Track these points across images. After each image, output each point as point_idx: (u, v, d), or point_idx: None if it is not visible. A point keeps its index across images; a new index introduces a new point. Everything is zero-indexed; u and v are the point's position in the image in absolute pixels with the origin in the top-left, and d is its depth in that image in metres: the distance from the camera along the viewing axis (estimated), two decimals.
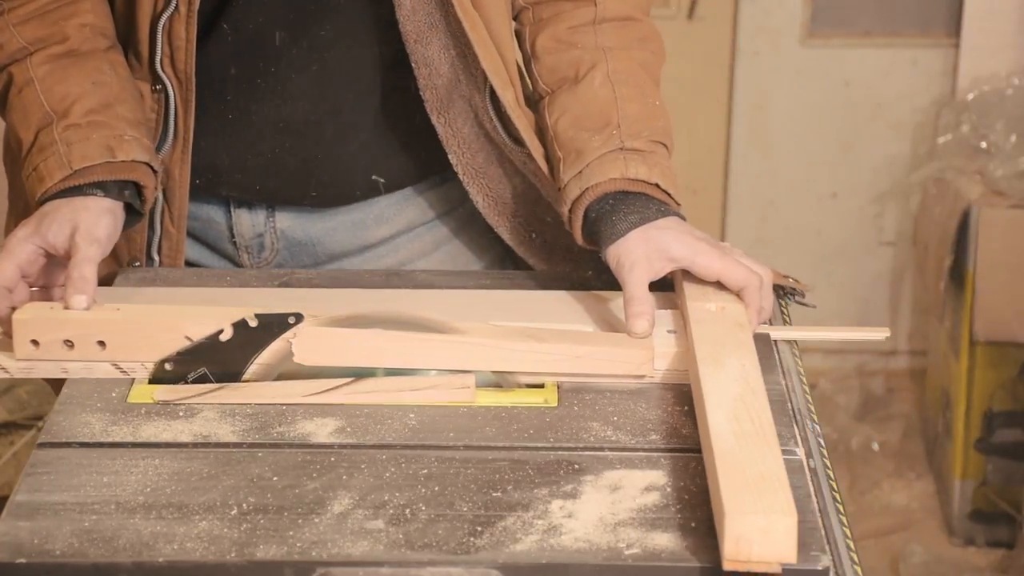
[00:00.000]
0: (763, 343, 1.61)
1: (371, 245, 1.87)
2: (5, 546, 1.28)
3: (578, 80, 1.74)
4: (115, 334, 1.54)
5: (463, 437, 1.45)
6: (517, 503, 1.34)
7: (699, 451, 1.42)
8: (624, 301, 1.59)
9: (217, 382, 1.53)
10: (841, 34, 3.71)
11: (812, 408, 1.55)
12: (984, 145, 3.41)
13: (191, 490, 1.36)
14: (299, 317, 1.57)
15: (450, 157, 1.79)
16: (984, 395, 3.33)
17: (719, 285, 1.62)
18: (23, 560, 1.27)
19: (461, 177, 1.80)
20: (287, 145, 1.79)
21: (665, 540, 1.29)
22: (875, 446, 3.67)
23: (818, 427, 1.53)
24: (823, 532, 1.32)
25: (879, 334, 1.66)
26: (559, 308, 1.67)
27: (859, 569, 1.34)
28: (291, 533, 1.30)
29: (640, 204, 1.64)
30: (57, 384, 1.56)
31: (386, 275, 1.78)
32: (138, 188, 1.67)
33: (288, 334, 1.53)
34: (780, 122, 3.77)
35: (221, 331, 1.56)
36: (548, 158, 1.74)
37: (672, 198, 1.66)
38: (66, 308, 1.56)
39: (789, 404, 1.52)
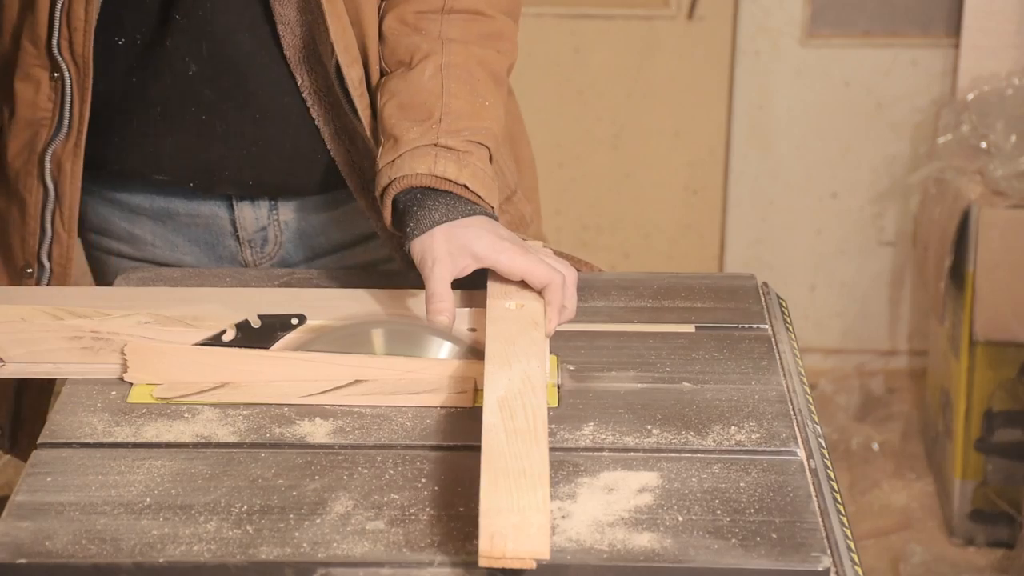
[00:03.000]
0: (764, 344, 1.61)
1: (371, 235, 1.86)
2: (5, 546, 1.28)
3: (411, 67, 1.72)
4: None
5: (463, 437, 1.45)
6: None
7: (698, 451, 1.42)
8: (426, 298, 1.59)
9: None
10: (841, 34, 3.71)
11: (812, 408, 1.55)
12: (984, 145, 3.41)
13: (192, 491, 1.36)
14: (302, 319, 1.57)
15: (313, 115, 1.76)
16: (984, 395, 3.33)
17: (524, 284, 1.61)
18: (23, 560, 1.27)
19: (326, 140, 1.78)
20: (261, 136, 1.78)
21: (660, 541, 1.29)
22: (875, 446, 3.67)
23: (818, 427, 1.53)
24: (823, 532, 1.32)
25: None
26: (367, 307, 1.66)
27: (859, 569, 1.34)
28: (292, 534, 1.30)
29: (447, 202, 1.63)
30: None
31: (386, 275, 1.78)
32: None
33: (127, 348, 1.53)
34: (780, 122, 3.77)
35: (223, 331, 1.56)
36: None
37: (483, 200, 1.65)
38: None
39: (789, 404, 1.52)
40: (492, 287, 1.61)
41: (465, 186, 1.64)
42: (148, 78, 1.75)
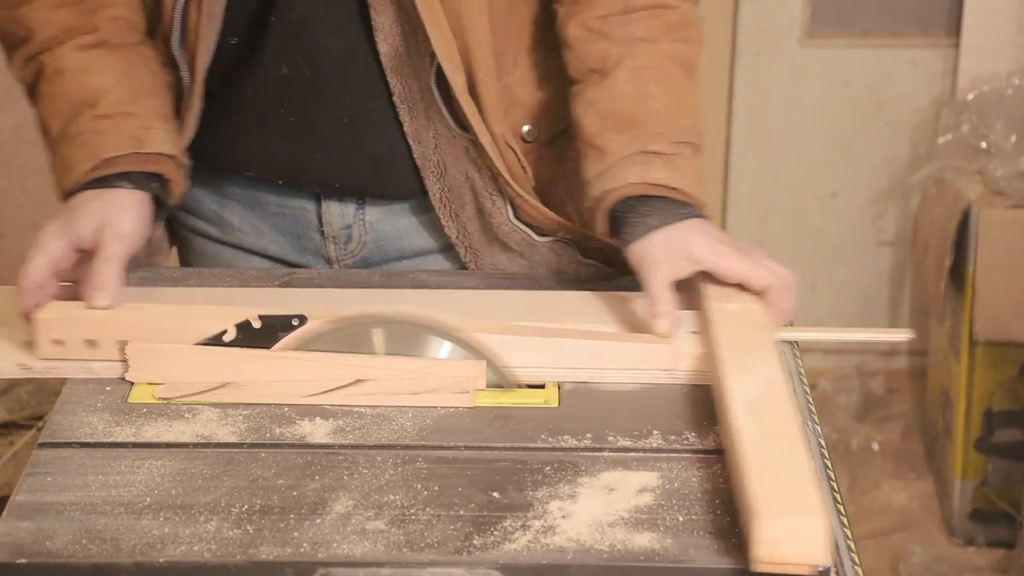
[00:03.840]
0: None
1: (451, 246, 1.84)
2: (5, 546, 1.28)
3: (605, 75, 1.72)
4: (137, 334, 1.54)
5: (463, 437, 1.45)
6: (517, 504, 1.34)
7: (695, 452, 1.42)
8: (647, 301, 1.59)
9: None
10: (841, 34, 3.71)
11: (812, 408, 1.55)
12: (984, 145, 3.41)
13: (193, 491, 1.36)
14: (303, 319, 1.57)
15: (403, 120, 1.76)
16: (984, 395, 3.33)
17: (740, 286, 1.62)
18: (23, 560, 1.27)
19: (414, 146, 1.77)
20: (349, 140, 1.78)
21: (661, 541, 1.29)
22: (875, 446, 3.67)
23: (818, 427, 1.53)
24: None
25: (902, 335, 1.65)
26: (582, 308, 1.66)
27: (859, 569, 1.34)
28: (292, 534, 1.30)
29: (661, 206, 1.64)
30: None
31: (387, 275, 1.78)
32: (165, 182, 1.67)
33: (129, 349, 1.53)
34: (780, 122, 3.77)
35: (224, 332, 1.56)
36: (579, 150, 1.73)
37: (696, 200, 1.66)
38: (88, 307, 1.55)
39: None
40: (709, 290, 1.61)
41: (676, 188, 1.64)
42: (244, 78, 1.76)
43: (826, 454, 1.49)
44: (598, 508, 1.34)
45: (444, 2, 1.69)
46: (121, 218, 1.61)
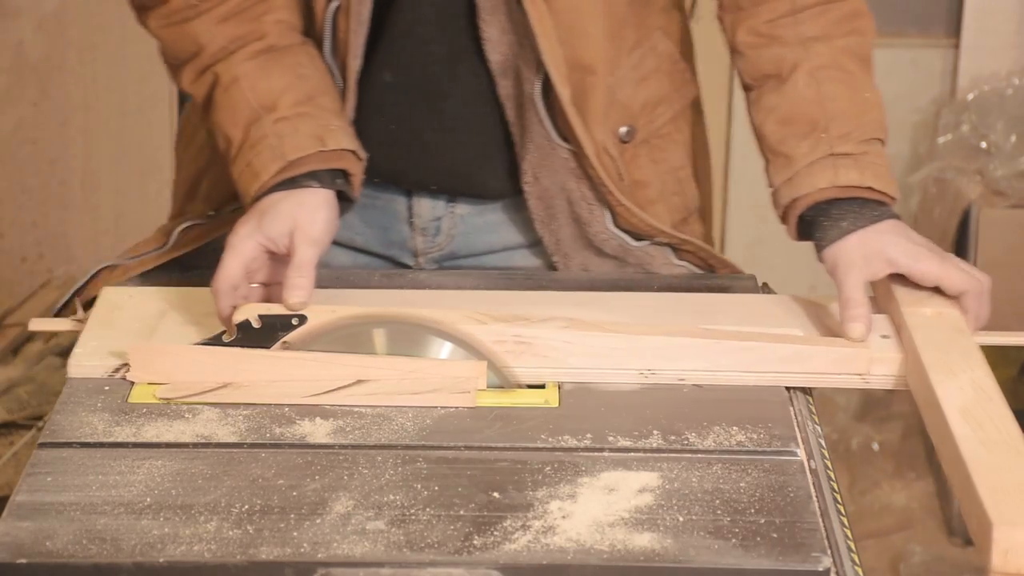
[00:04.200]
0: None
1: (538, 241, 1.83)
2: (5, 546, 1.28)
3: (782, 80, 1.71)
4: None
5: (463, 438, 1.45)
6: (517, 504, 1.34)
7: (695, 452, 1.42)
8: (840, 304, 1.59)
9: None
10: None
11: (812, 408, 1.55)
12: (984, 145, 3.41)
13: (193, 491, 1.36)
14: (302, 319, 1.57)
15: (509, 122, 1.76)
16: None
17: (935, 290, 1.61)
18: (23, 560, 1.27)
19: (517, 150, 1.77)
20: (448, 146, 1.79)
21: (660, 541, 1.29)
22: (875, 446, 3.67)
23: (819, 427, 1.53)
24: (824, 532, 1.32)
25: None
26: (773, 312, 1.67)
27: (859, 569, 1.34)
28: (292, 534, 1.30)
29: (855, 208, 1.64)
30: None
31: (389, 275, 1.78)
32: (346, 176, 1.68)
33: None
34: None
35: (223, 332, 1.56)
36: (763, 157, 1.74)
37: (888, 197, 1.66)
38: (284, 306, 1.57)
39: (789, 404, 1.52)
40: (900, 293, 1.61)
41: (870, 187, 1.64)
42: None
43: (826, 454, 1.49)
44: (598, 508, 1.34)
45: (559, 13, 1.69)
46: (312, 220, 1.62)
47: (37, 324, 1.73)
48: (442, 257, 1.85)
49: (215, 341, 1.56)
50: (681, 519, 1.32)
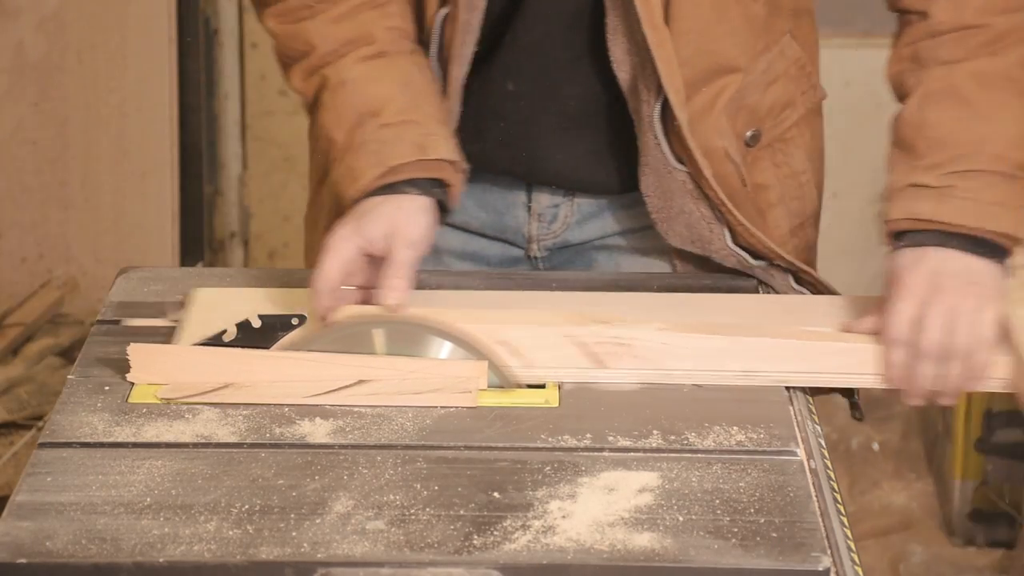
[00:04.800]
0: None
1: (650, 225, 1.83)
2: (5, 546, 1.28)
3: (903, 102, 1.69)
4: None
5: (463, 437, 1.45)
6: (517, 504, 1.34)
7: (695, 452, 1.42)
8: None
9: None
10: (841, 34, 3.70)
11: (812, 409, 1.55)
12: None
13: (192, 491, 1.36)
14: (302, 319, 1.57)
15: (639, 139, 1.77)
16: (984, 395, 3.32)
17: None
18: (23, 560, 1.27)
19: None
20: (567, 145, 1.80)
21: (660, 541, 1.29)
22: (875, 446, 3.67)
23: (819, 427, 1.53)
24: (823, 532, 1.32)
25: None
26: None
27: (859, 569, 1.34)
28: (292, 534, 1.30)
29: (935, 240, 1.60)
30: None
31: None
32: (446, 187, 1.69)
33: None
34: None
35: (224, 331, 1.56)
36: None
37: (981, 231, 1.60)
38: (382, 307, 1.57)
39: (789, 404, 1.52)
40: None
41: (948, 223, 1.59)
42: (473, 89, 1.77)
43: (826, 454, 1.49)
44: (598, 508, 1.34)
45: (683, 34, 1.69)
46: (410, 224, 1.62)
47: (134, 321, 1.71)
48: (556, 245, 1.86)
49: (215, 341, 1.56)
50: (681, 519, 1.32)
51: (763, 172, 1.81)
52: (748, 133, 1.78)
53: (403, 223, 1.62)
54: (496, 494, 1.36)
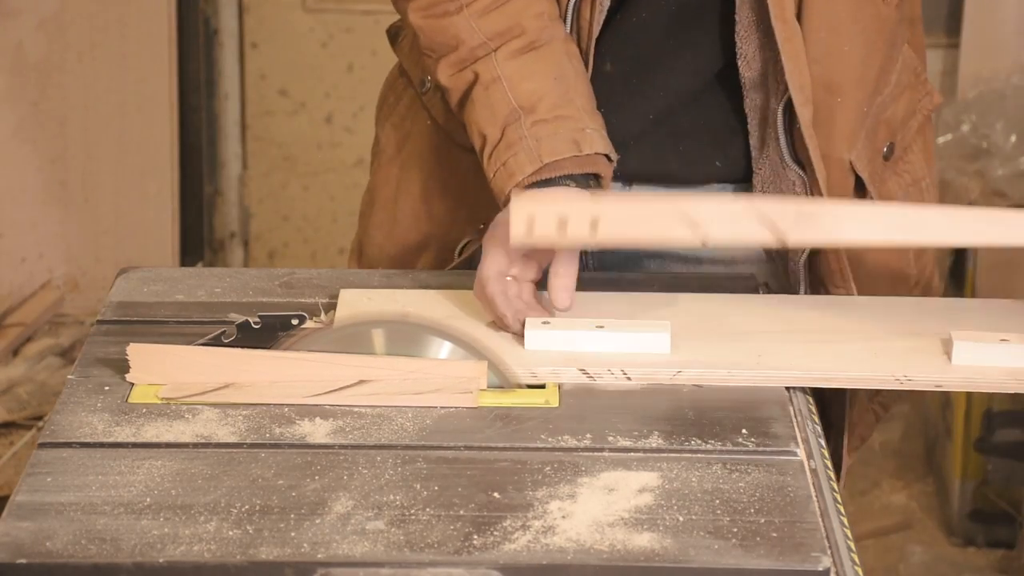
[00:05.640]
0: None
1: None
2: (5, 546, 1.28)
3: None
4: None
5: (463, 437, 1.45)
6: (517, 504, 1.34)
7: (695, 452, 1.42)
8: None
9: None
10: None
11: (812, 408, 1.55)
12: (984, 145, 3.41)
13: (192, 491, 1.36)
14: (302, 318, 1.57)
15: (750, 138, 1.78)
16: (984, 395, 3.32)
17: None
18: (23, 560, 1.27)
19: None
20: (645, 125, 1.81)
21: (660, 541, 1.29)
22: (875, 446, 3.67)
23: (818, 427, 1.53)
24: (823, 533, 1.32)
25: None
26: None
27: (859, 569, 1.34)
28: (292, 534, 1.30)
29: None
30: None
31: (388, 275, 1.78)
32: (599, 180, 1.70)
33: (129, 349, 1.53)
34: None
35: (223, 332, 1.56)
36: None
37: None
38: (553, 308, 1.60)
39: (789, 404, 1.52)
40: None
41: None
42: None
43: (825, 454, 1.49)
44: (598, 508, 1.34)
45: (813, 32, 1.69)
46: None
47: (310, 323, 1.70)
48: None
49: (215, 341, 1.56)
50: (681, 519, 1.32)
51: (886, 183, 1.82)
52: (885, 147, 1.78)
53: None
54: (496, 494, 1.36)
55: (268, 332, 1.56)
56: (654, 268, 1.86)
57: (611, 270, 1.85)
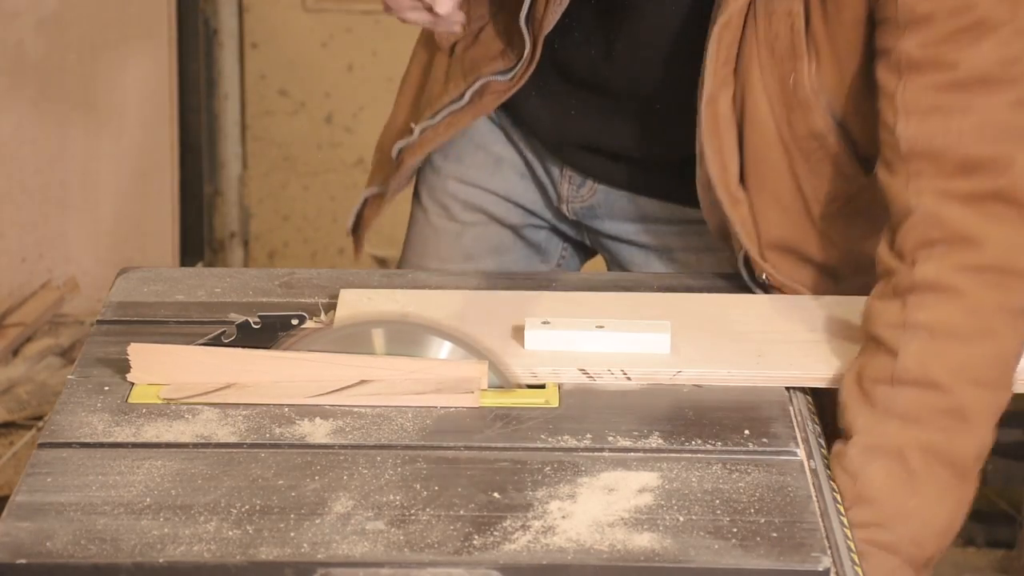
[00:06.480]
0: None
1: (697, 220, 1.80)
2: (5, 546, 1.28)
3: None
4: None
5: (463, 437, 1.45)
6: (517, 504, 1.34)
7: (695, 452, 1.42)
8: None
9: None
10: None
11: (812, 408, 1.55)
12: None
13: (192, 491, 1.36)
14: (302, 318, 1.57)
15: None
16: None
17: None
18: (23, 560, 1.27)
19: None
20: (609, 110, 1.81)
21: (660, 541, 1.29)
22: None
23: (819, 427, 1.53)
24: (823, 532, 1.32)
25: None
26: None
27: (859, 569, 1.34)
28: (292, 534, 1.30)
29: None
30: None
31: (389, 275, 1.78)
32: None
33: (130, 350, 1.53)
34: None
35: (223, 332, 1.56)
36: None
37: None
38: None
39: (789, 404, 1.52)
40: None
41: None
42: (547, 58, 1.78)
43: (826, 454, 1.49)
44: (598, 508, 1.34)
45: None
46: None
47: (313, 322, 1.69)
48: (582, 210, 1.87)
49: (215, 341, 1.56)
50: (681, 519, 1.32)
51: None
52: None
53: None
54: (496, 494, 1.36)
55: (268, 332, 1.56)
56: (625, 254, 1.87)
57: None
